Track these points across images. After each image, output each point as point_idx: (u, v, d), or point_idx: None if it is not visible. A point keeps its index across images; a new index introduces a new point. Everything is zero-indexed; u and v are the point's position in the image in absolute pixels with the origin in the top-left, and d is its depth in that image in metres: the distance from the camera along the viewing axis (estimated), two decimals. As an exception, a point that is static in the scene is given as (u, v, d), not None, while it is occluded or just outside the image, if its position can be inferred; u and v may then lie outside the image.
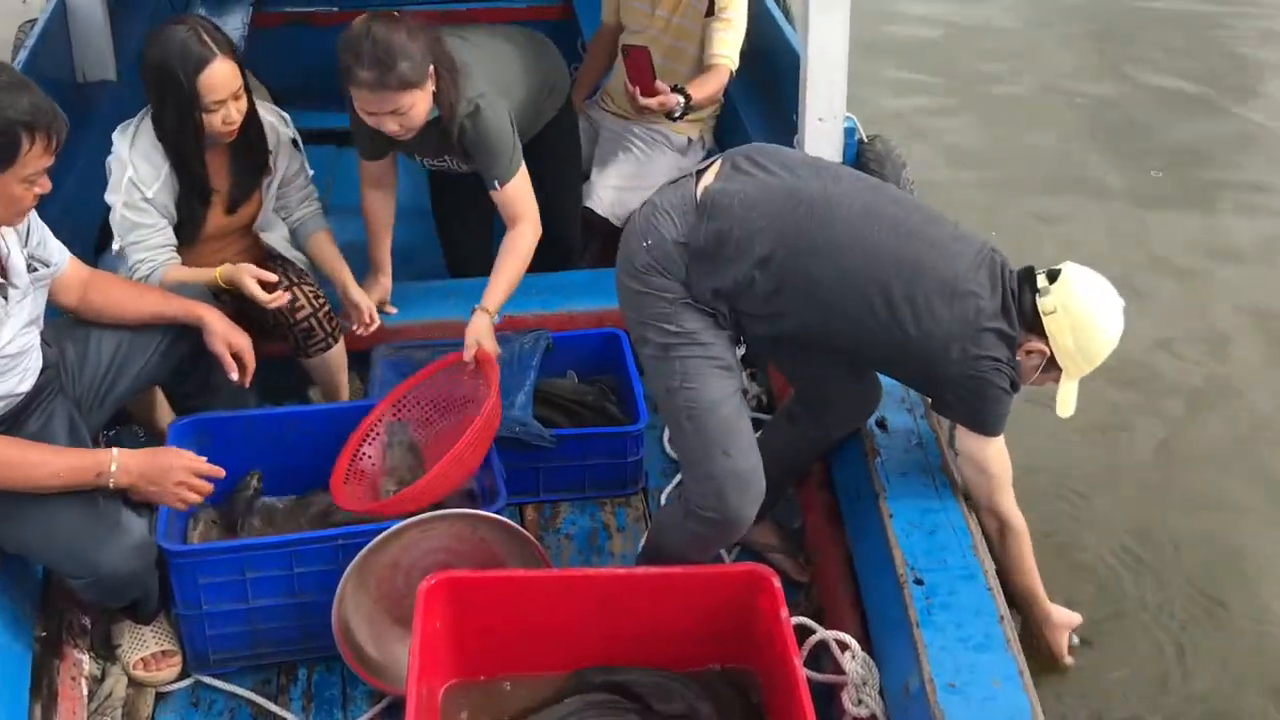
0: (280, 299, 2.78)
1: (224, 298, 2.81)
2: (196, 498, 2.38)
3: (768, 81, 3.75)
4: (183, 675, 2.52)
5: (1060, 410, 2.38)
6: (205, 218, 2.85)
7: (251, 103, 2.77)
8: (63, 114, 2.15)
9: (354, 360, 3.10)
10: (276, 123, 2.92)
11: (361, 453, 2.74)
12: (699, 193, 2.35)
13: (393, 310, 3.18)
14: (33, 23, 3.93)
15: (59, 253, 2.42)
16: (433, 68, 2.74)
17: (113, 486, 2.28)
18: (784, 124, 3.37)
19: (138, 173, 2.70)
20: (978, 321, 2.29)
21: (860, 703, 2.29)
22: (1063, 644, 2.67)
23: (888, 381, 2.70)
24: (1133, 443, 3.60)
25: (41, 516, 2.26)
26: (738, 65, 3.47)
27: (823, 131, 3.01)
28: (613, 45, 3.76)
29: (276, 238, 3.01)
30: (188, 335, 2.61)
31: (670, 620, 2.34)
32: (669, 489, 3.01)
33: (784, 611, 2.27)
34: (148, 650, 2.49)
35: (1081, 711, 2.63)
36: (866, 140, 3.32)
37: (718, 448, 2.36)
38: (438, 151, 3.07)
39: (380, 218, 3.17)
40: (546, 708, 2.29)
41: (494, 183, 2.91)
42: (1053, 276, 2.33)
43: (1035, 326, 2.32)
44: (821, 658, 2.43)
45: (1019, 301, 2.32)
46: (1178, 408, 3.76)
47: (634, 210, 2.53)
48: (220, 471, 2.42)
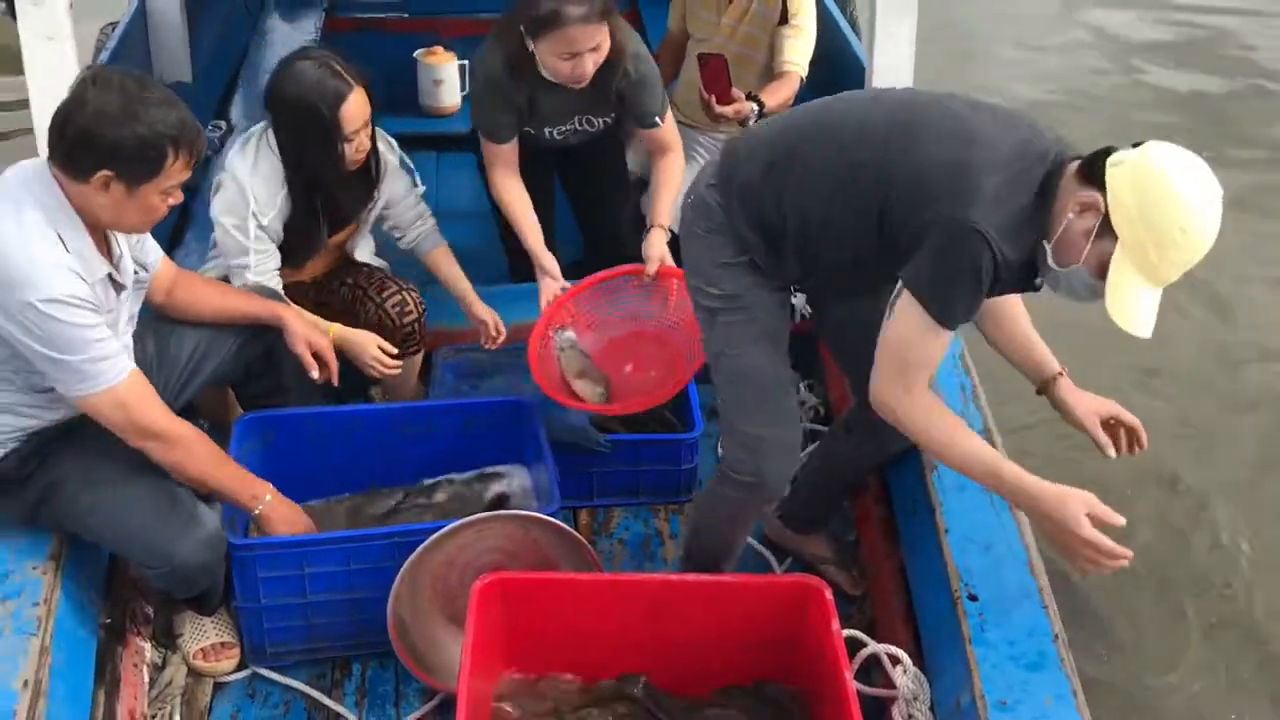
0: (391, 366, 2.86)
1: (308, 295, 2.88)
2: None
3: (832, 90, 3.73)
4: (240, 667, 2.57)
5: (1110, 308, 1.93)
6: (319, 243, 2.91)
7: (373, 130, 2.83)
8: (202, 130, 2.22)
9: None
10: (385, 149, 2.96)
11: (541, 353, 2.89)
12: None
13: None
14: (114, 25, 4.03)
15: (155, 252, 2.48)
16: None
17: (256, 514, 2.43)
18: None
19: (257, 201, 2.73)
20: (977, 181, 2.02)
21: (910, 717, 2.28)
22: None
23: (949, 396, 2.68)
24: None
25: (121, 508, 2.32)
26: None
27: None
28: (679, 54, 3.77)
29: (363, 249, 3.08)
30: (262, 336, 2.67)
31: (720, 628, 2.34)
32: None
33: (835, 624, 2.26)
34: (208, 641, 2.55)
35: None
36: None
37: (755, 412, 2.36)
38: (583, 107, 3.06)
39: (526, 205, 3.06)
40: (588, 709, 2.30)
41: (655, 119, 3.05)
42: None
43: (1096, 180, 1.98)
44: (872, 671, 2.42)
45: (1064, 176, 2.03)
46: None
47: None
48: None
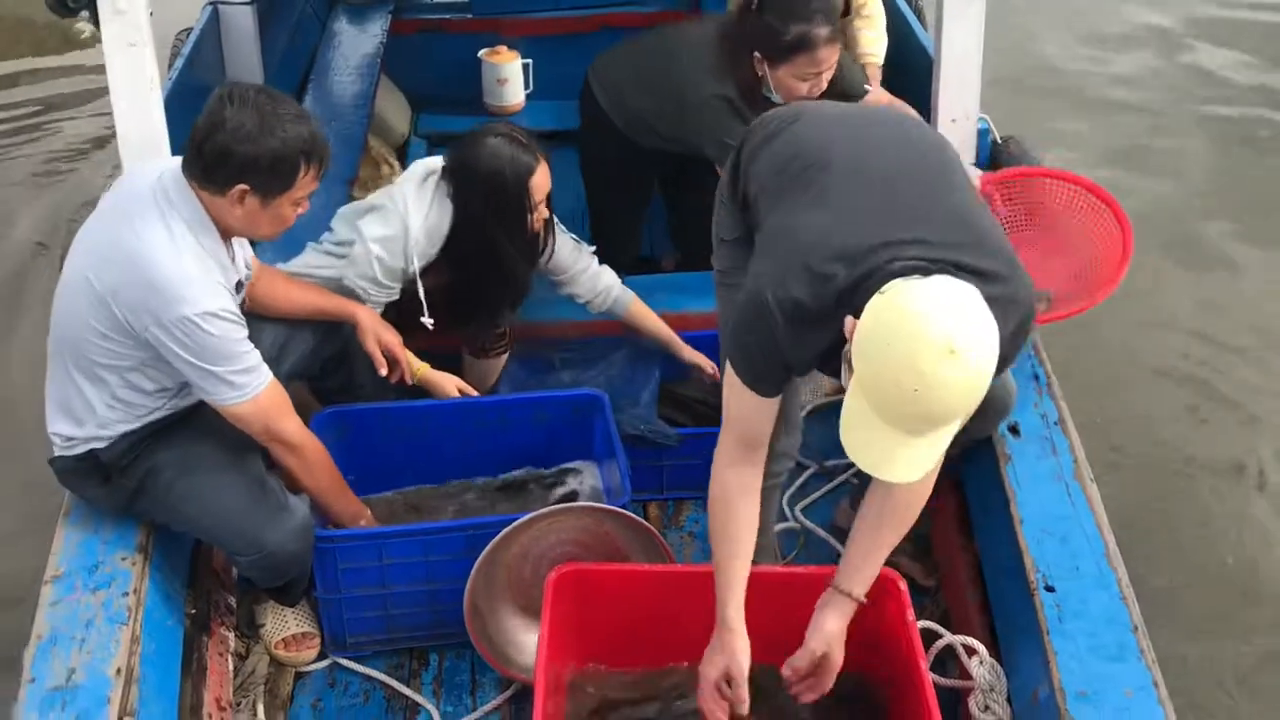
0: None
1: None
2: None
3: (898, 82, 3.71)
4: (321, 656, 2.62)
5: (842, 435, 1.78)
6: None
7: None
8: (328, 141, 2.31)
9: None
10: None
11: None
12: None
13: None
14: (188, 31, 4.11)
15: (249, 250, 2.54)
16: None
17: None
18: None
19: (417, 245, 2.77)
20: (794, 255, 1.91)
21: (987, 709, 2.26)
22: None
23: (1023, 386, 2.65)
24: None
25: (216, 495, 2.38)
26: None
27: (955, 132, 2.96)
28: None
29: None
30: (338, 332, 2.72)
31: (793, 619, 2.34)
32: (791, 491, 3.00)
33: (910, 614, 2.26)
34: (289, 631, 2.60)
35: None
36: (1001, 141, 3.27)
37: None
38: None
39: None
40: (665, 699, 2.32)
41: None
42: None
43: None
44: (947, 663, 2.41)
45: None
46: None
47: None
48: None
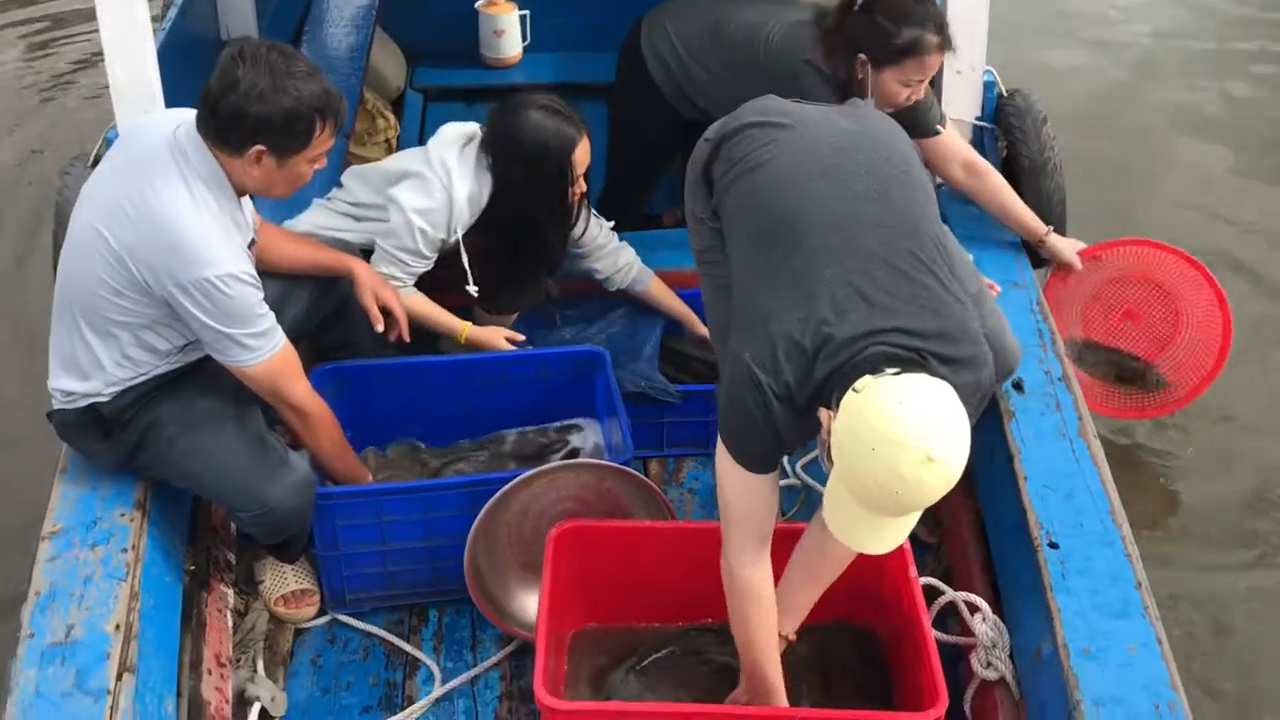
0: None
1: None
2: None
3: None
4: (320, 613, 2.61)
5: (825, 511, 1.85)
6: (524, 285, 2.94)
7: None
8: (343, 97, 2.28)
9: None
10: None
11: None
12: None
13: None
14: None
15: (251, 204, 2.49)
16: None
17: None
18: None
19: (460, 215, 2.74)
20: (774, 332, 1.93)
21: (989, 665, 2.26)
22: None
23: (1026, 342, 2.63)
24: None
25: (218, 451, 2.37)
26: None
27: (961, 84, 2.93)
28: None
29: None
30: (335, 288, 2.69)
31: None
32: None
33: (912, 571, 2.26)
34: (288, 588, 2.59)
35: (1226, 683, 2.56)
36: (1006, 94, 3.23)
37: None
38: None
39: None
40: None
41: (937, 128, 2.99)
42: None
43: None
44: (948, 620, 2.41)
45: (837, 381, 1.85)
46: None
47: None
48: None
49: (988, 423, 2.59)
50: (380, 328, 2.67)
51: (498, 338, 2.87)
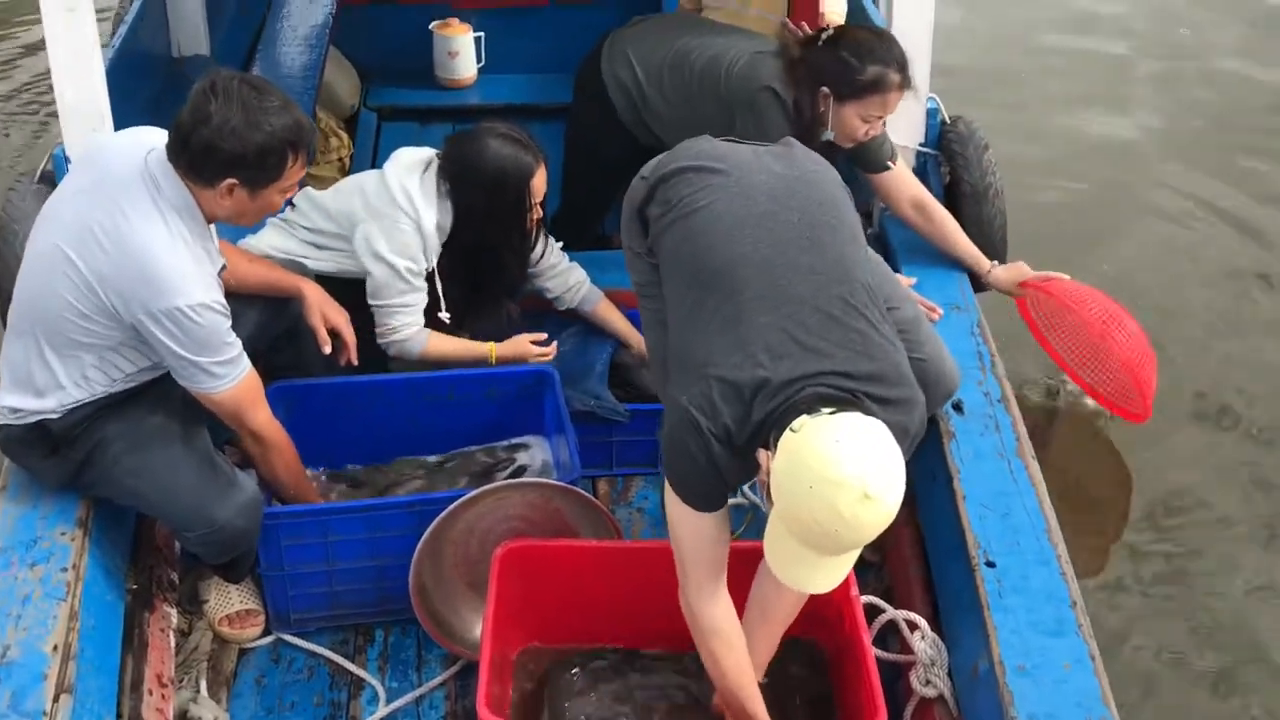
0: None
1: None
2: None
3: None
4: (265, 633, 2.60)
5: (766, 553, 1.89)
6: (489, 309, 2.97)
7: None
8: (315, 126, 2.29)
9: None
10: None
11: None
12: None
13: None
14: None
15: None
16: None
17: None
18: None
19: (431, 246, 2.76)
20: (710, 381, 1.97)
21: (928, 683, 2.30)
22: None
23: (966, 364, 2.68)
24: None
25: (166, 470, 2.36)
26: None
27: (904, 111, 2.97)
28: None
29: None
30: (288, 308, 2.69)
31: (740, 594, 2.35)
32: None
33: (854, 590, 2.29)
34: (233, 608, 2.58)
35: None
36: (949, 121, 3.29)
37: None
38: None
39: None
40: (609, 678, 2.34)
41: (887, 164, 3.04)
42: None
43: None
44: (889, 638, 2.44)
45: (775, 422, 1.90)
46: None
47: None
48: None
49: (928, 443, 2.62)
50: (328, 350, 2.68)
51: (524, 346, 2.89)
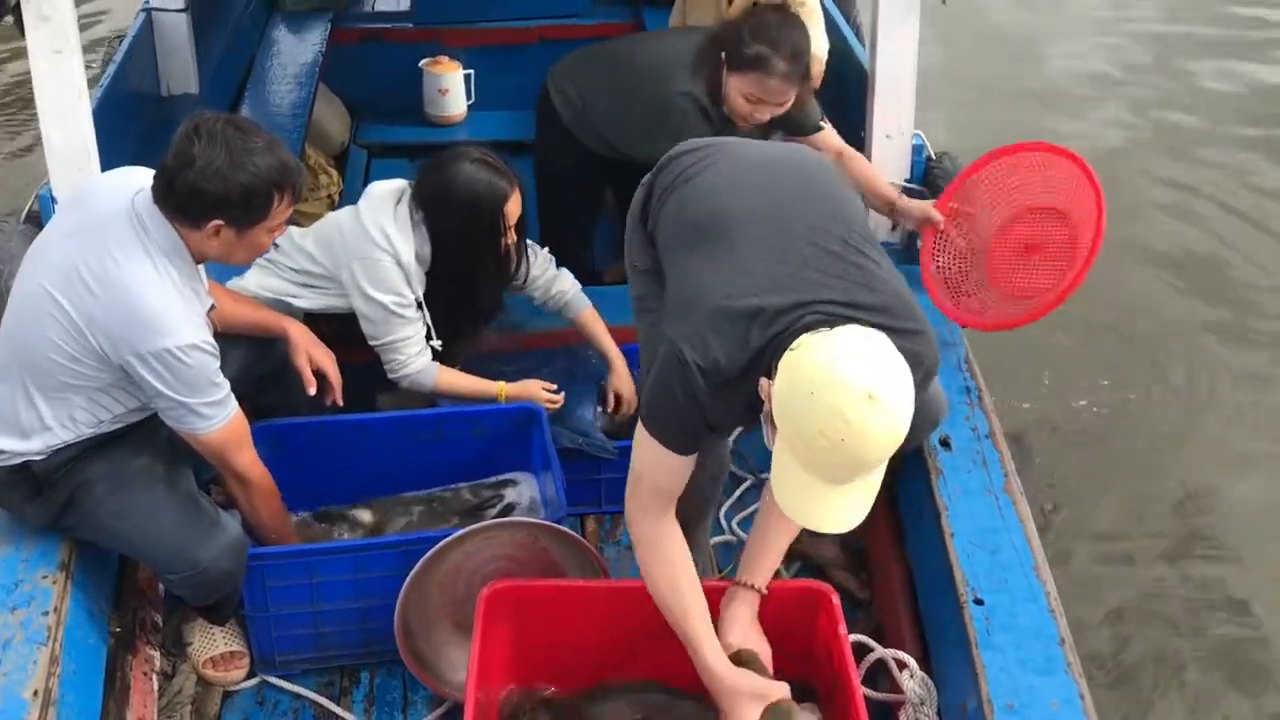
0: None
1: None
2: None
3: (834, 96, 3.74)
4: (250, 675, 2.57)
5: (775, 493, 1.85)
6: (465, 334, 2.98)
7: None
8: (301, 166, 2.30)
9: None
10: None
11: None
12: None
13: None
14: (120, 37, 4.06)
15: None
16: None
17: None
18: (851, 139, 3.36)
19: (414, 273, 2.76)
20: (703, 318, 1.96)
21: (917, 722, 2.28)
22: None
23: (955, 399, 2.68)
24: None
25: (149, 512, 2.35)
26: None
27: (890, 148, 3.00)
28: None
29: None
30: (273, 348, 2.69)
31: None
32: (728, 504, 3.01)
33: (842, 629, 2.27)
34: (217, 650, 2.56)
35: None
36: (934, 158, 3.31)
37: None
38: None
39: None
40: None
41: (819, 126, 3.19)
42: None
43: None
44: (879, 676, 2.42)
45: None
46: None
47: None
48: None
49: (915, 480, 2.64)
50: (313, 391, 2.66)
51: (534, 389, 2.89)
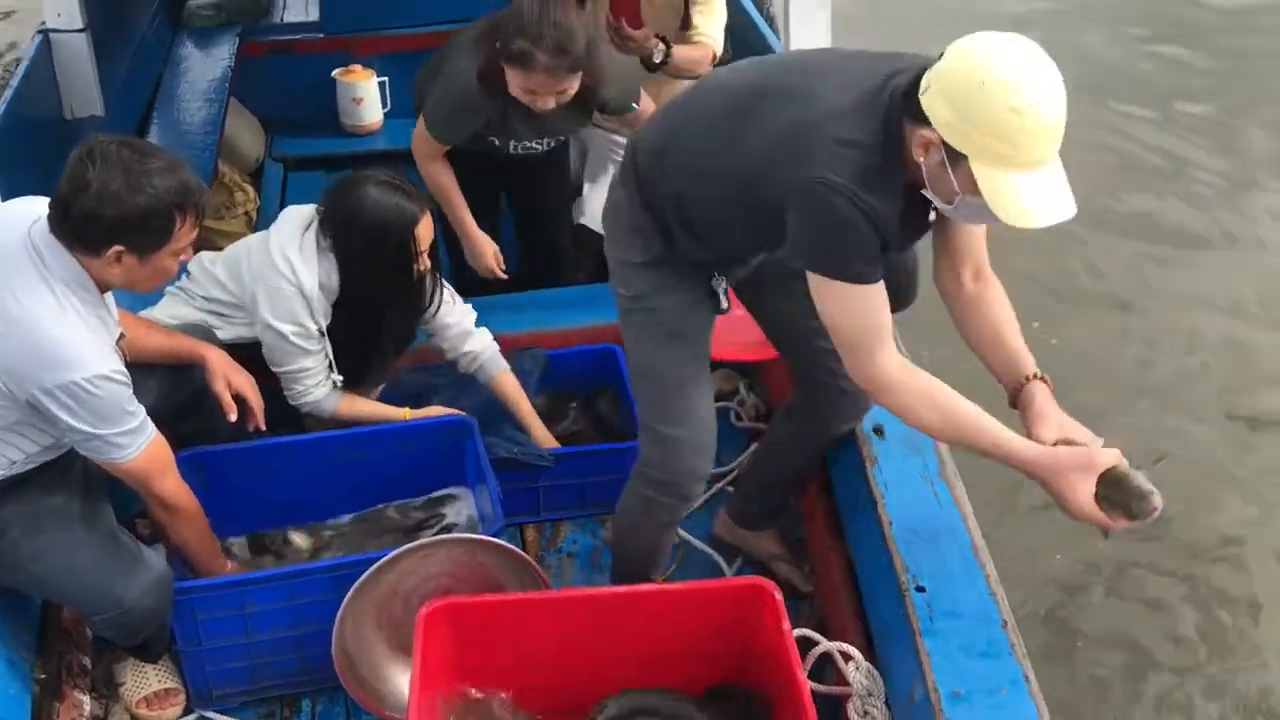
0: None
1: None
2: None
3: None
4: (186, 711, 2.51)
5: (998, 213, 1.86)
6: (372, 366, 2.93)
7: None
8: (205, 186, 2.23)
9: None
10: None
11: None
12: None
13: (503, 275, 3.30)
14: (18, 61, 3.93)
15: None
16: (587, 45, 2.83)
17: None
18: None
19: (318, 304, 2.70)
20: (813, 138, 1.98)
21: (866, 714, 2.27)
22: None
23: None
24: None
25: (66, 555, 2.27)
26: (721, 53, 3.40)
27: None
28: None
29: None
30: (190, 376, 2.62)
31: (672, 636, 2.32)
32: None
33: (786, 624, 2.25)
34: (150, 689, 2.48)
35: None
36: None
37: (663, 411, 2.37)
38: (558, 127, 3.14)
39: (456, 186, 3.16)
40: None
41: (632, 106, 3.14)
42: None
43: (922, 116, 1.92)
44: (826, 669, 2.42)
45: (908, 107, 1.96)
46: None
47: None
48: None
49: (851, 470, 2.64)
50: (233, 417, 2.59)
51: (437, 412, 2.85)
